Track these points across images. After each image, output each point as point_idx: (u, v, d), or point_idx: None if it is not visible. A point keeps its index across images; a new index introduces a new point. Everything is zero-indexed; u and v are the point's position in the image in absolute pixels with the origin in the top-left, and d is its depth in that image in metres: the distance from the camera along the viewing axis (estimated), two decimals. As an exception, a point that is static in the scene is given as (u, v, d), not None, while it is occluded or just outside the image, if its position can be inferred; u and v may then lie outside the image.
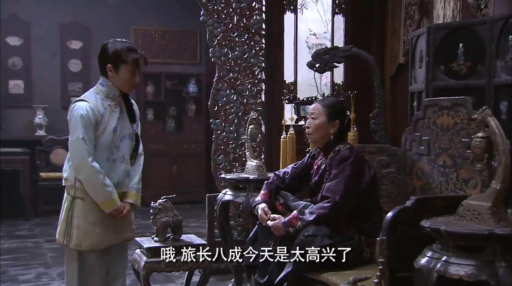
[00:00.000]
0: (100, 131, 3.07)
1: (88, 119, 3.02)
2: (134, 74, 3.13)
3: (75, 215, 3.13)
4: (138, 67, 3.14)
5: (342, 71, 5.52)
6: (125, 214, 3.20)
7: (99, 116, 3.06)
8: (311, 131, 3.11)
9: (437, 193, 3.20)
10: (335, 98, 3.35)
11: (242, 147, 4.92)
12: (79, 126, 2.99)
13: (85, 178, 3.06)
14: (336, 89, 5.46)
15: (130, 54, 3.10)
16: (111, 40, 3.16)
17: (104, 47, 3.13)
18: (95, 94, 3.13)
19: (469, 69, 3.77)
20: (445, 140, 3.18)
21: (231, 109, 4.93)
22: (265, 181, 3.33)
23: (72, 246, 3.12)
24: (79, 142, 2.99)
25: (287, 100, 3.92)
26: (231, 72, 4.94)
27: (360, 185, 3.00)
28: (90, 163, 3.01)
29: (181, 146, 8.56)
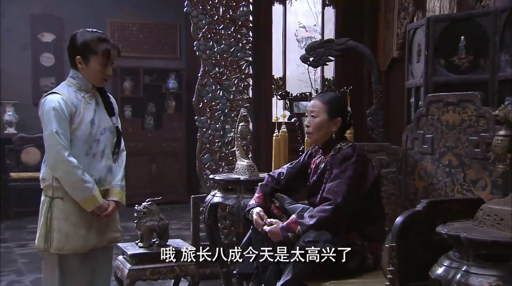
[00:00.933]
0: (77, 124, 2.93)
1: (61, 111, 2.88)
2: (106, 66, 2.99)
3: (54, 217, 2.97)
4: (110, 59, 3.00)
5: (332, 65, 5.46)
6: (109, 212, 3.05)
7: (73, 108, 2.92)
8: (311, 131, 2.99)
9: (442, 194, 3.12)
10: (334, 93, 3.21)
11: (228, 145, 4.81)
12: (52, 120, 2.85)
13: (62, 174, 2.91)
14: (327, 85, 5.40)
15: (101, 44, 2.96)
16: (80, 30, 3.01)
17: (73, 38, 2.99)
18: (67, 87, 3.00)
19: (471, 63, 3.72)
20: (450, 138, 3.09)
21: (217, 105, 4.80)
22: (259, 183, 3.22)
23: (53, 250, 2.97)
24: (53, 137, 2.84)
25: (280, 96, 3.77)
26: (216, 66, 4.80)
27: (364, 186, 2.90)
28: (67, 158, 2.86)
29: (161, 144, 8.41)
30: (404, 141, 3.42)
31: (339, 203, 2.78)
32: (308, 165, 3.14)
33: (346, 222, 2.87)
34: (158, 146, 8.42)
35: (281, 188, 3.16)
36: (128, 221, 6.38)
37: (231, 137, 4.77)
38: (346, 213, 2.84)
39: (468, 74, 3.72)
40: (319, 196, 2.96)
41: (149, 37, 8.71)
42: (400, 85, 5.05)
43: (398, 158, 3.44)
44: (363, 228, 2.92)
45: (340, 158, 2.90)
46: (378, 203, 3.03)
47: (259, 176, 3.78)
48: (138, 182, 8.11)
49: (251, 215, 3.03)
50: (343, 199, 2.79)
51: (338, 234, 2.79)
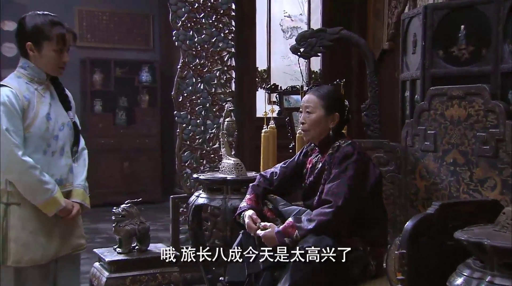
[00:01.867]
0: (30, 120, 2.72)
1: (12, 106, 2.67)
2: (61, 53, 2.80)
3: (11, 226, 2.75)
4: (66, 44, 2.80)
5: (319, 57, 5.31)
6: (75, 215, 2.87)
7: (25, 102, 2.71)
8: (307, 128, 2.88)
9: (446, 194, 3.04)
10: (330, 86, 3.09)
11: (210, 142, 4.69)
12: (1, 116, 2.64)
13: (17, 177, 2.71)
14: (314, 77, 5.31)
15: (54, 28, 2.77)
16: (29, 13, 2.81)
17: (22, 22, 2.79)
18: (16, 79, 2.78)
19: (471, 55, 3.59)
20: (455, 135, 3.01)
21: (198, 99, 4.67)
22: (250, 184, 3.09)
23: (10, 263, 2.75)
24: (3, 135, 2.63)
25: (269, 89, 3.63)
26: (197, 57, 4.65)
27: (365, 187, 2.79)
28: (21, 158, 2.66)
29: (133, 140, 8.27)
30: (404, 138, 3.33)
31: (340, 205, 2.66)
32: (304, 165, 3.02)
33: (347, 226, 2.74)
34: (130, 143, 8.27)
35: (274, 189, 3.04)
36: (98, 223, 6.22)
37: (212, 134, 4.67)
38: (347, 216, 2.72)
39: (469, 66, 3.58)
40: (317, 198, 2.85)
41: (120, 27, 8.52)
42: (391, 78, 5.02)
43: (397, 156, 3.35)
44: (365, 232, 2.81)
45: (339, 157, 2.78)
46: (380, 205, 2.93)
47: (247, 176, 3.68)
48: (110, 181, 8.00)
49: (243, 218, 2.90)
50: (344, 201, 2.67)
51: (339, 239, 2.67)
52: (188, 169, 4.66)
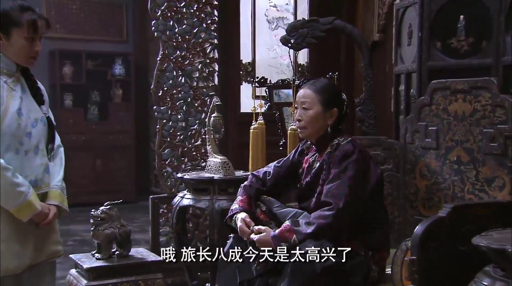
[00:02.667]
0: (1, 116, 2.54)
1: None
2: (33, 41, 2.62)
3: None
4: (38, 32, 2.63)
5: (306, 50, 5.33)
6: (51, 219, 2.71)
7: None
8: (304, 125, 2.77)
9: (449, 195, 2.97)
10: (326, 79, 2.99)
11: (192, 139, 4.58)
12: None
13: None
14: (300, 71, 5.22)
15: (24, 14, 2.59)
16: None
17: None
18: None
19: (471, 47, 3.57)
20: (460, 131, 2.94)
21: (179, 93, 4.52)
22: (241, 184, 2.96)
23: None
24: None
25: (258, 83, 3.52)
26: (178, 49, 4.51)
27: (366, 187, 2.68)
28: None
29: (106, 137, 8.10)
30: (403, 135, 3.25)
31: (340, 207, 2.55)
32: (299, 164, 2.91)
33: (347, 229, 2.63)
34: (103, 139, 8.11)
35: (267, 190, 2.92)
36: (69, 224, 6.06)
37: (194, 130, 4.55)
38: (348, 219, 2.61)
39: (468, 59, 3.56)
40: (314, 200, 2.74)
41: (91, 17, 8.35)
42: (382, 71, 5.01)
43: (395, 153, 3.28)
44: (366, 235, 2.70)
45: (339, 156, 2.67)
46: (381, 206, 2.81)
47: (235, 175, 3.60)
48: (81, 179, 7.83)
49: (235, 221, 2.77)
50: (345, 203, 2.56)
51: (340, 244, 2.55)
52: (168, 168, 4.54)
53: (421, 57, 3.70)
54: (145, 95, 8.01)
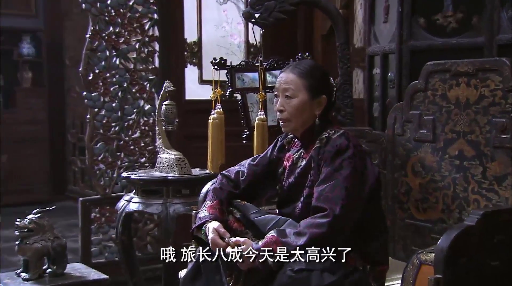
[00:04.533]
0: None
1: None
2: None
3: None
4: None
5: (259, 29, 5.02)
6: None
7: None
8: (288, 117, 2.56)
9: (449, 195, 2.84)
10: (311, 60, 2.80)
11: (129, 130, 4.53)
12: None
13: None
14: (253, 52, 5.21)
15: None
16: None
17: None
18: None
19: (460, 23, 3.53)
20: (462, 121, 2.80)
21: (113, 77, 4.49)
22: (209, 187, 2.78)
23: None
24: None
25: (217, 65, 3.29)
26: (111, 25, 4.45)
27: (364, 188, 2.49)
28: None
29: (14, 128, 7.84)
30: (391, 125, 3.10)
31: (337, 214, 2.35)
32: (279, 162, 2.71)
33: (343, 240, 2.42)
34: (10, 131, 7.79)
35: (240, 193, 2.71)
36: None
37: (132, 120, 4.53)
38: (346, 227, 2.41)
39: (457, 37, 3.52)
40: (300, 205, 2.54)
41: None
42: None
43: (381, 147, 3.13)
44: (363, 246, 2.51)
45: (331, 152, 2.47)
46: (379, 212, 2.64)
47: (192, 174, 3.50)
48: (-17, 178, 7.62)
49: (205, 232, 2.53)
50: (342, 209, 2.36)
51: (336, 257, 2.34)
52: (101, 165, 4.50)
53: (401, 35, 3.66)
54: (60, 79, 7.93)
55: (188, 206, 3.31)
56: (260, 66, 3.28)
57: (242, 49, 5.34)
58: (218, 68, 3.33)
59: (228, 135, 3.49)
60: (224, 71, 3.41)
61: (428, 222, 2.89)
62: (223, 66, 3.35)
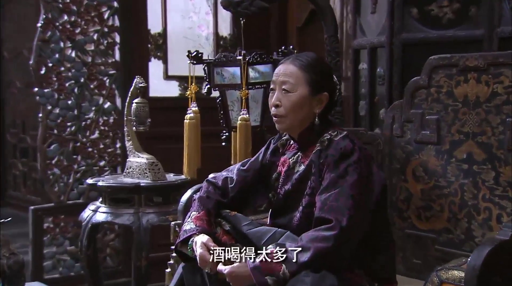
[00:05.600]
0: None
1: None
2: None
3: None
4: None
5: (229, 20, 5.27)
6: None
7: None
8: (284, 113, 2.44)
9: (456, 202, 2.77)
10: (313, 53, 2.68)
11: (87, 131, 4.50)
12: None
13: None
14: (222, 45, 5.20)
15: None
16: None
17: None
18: None
19: (457, 14, 3.48)
20: (471, 121, 2.74)
21: (68, 72, 4.45)
22: (194, 195, 2.63)
23: None
24: None
25: (194, 59, 3.16)
26: (65, 13, 4.40)
27: (371, 197, 2.39)
28: None
29: None
30: (388, 125, 3.02)
31: (344, 226, 2.23)
32: (273, 167, 2.59)
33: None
34: None
35: (229, 202, 2.59)
36: None
37: (90, 119, 4.49)
38: (354, 241, 2.30)
39: (453, 29, 3.46)
40: (299, 215, 2.43)
41: None
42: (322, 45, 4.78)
43: (378, 149, 3.06)
44: (369, 262, 2.42)
45: (335, 156, 2.36)
46: (386, 223, 2.56)
47: (166, 179, 3.43)
48: None
49: (191, 247, 2.40)
50: (349, 220, 2.24)
51: (343, 275, 2.25)
52: (56, 169, 4.43)
53: (392, 27, 3.61)
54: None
55: (163, 216, 3.25)
56: (243, 60, 3.13)
57: (211, 42, 5.28)
58: (195, 62, 3.19)
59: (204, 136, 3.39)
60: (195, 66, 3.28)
61: (431, 232, 2.82)
62: (200, 60, 3.22)
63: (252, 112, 3.22)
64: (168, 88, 4.94)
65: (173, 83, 5.04)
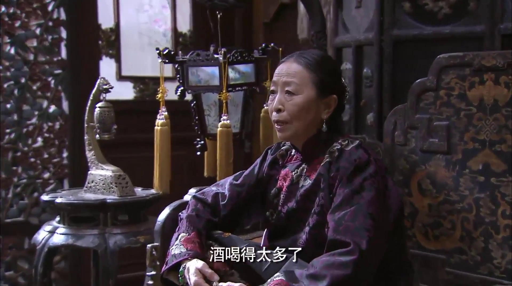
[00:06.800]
0: None
1: None
2: None
3: None
4: None
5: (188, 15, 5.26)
6: None
7: None
8: (288, 118, 2.35)
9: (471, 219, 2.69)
10: (318, 50, 2.61)
11: (29, 138, 4.48)
12: None
13: None
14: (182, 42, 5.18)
15: None
16: None
17: None
18: None
19: (454, 8, 3.39)
20: (488, 127, 2.67)
21: (7, 71, 4.46)
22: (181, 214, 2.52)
23: None
24: None
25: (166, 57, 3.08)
26: (3, 5, 4.42)
27: (389, 215, 2.31)
28: None
29: None
30: (389, 132, 2.94)
31: (364, 250, 2.12)
32: (271, 182, 2.50)
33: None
34: None
35: (220, 222, 2.51)
36: None
37: (33, 125, 4.48)
38: (374, 267, 2.21)
39: (450, 25, 3.38)
40: (305, 237, 2.33)
41: None
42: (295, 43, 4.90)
43: None
44: (388, 287, 2.35)
45: (349, 169, 2.27)
46: (404, 245, 2.51)
47: (136, 195, 3.36)
48: None
49: (183, 274, 2.32)
50: (369, 243, 2.14)
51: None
52: None
53: (382, 23, 3.53)
54: None
55: (133, 237, 3.18)
56: (224, 59, 3.03)
57: (169, 39, 5.25)
58: (166, 61, 3.11)
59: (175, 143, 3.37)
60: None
61: (441, 252, 2.75)
62: (172, 58, 3.14)
63: (230, 117, 3.16)
64: (121, 90, 4.85)
65: (127, 85, 4.97)
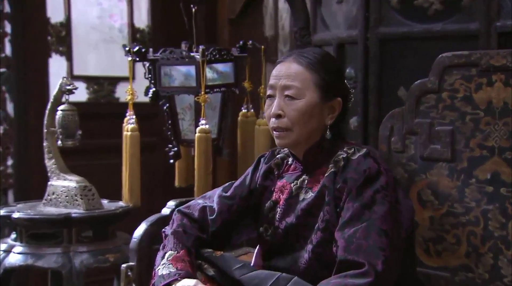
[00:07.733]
0: None
1: None
2: None
3: None
4: None
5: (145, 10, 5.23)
6: None
7: None
8: (289, 124, 2.28)
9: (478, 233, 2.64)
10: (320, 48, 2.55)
11: None
12: None
13: None
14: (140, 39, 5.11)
15: None
16: None
17: None
18: None
19: (446, 4, 3.42)
20: (498, 133, 2.62)
21: None
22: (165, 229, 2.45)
23: None
24: None
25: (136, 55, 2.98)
26: None
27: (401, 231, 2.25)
28: None
29: None
30: (385, 138, 2.88)
31: (380, 271, 2.05)
32: (265, 194, 2.44)
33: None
34: None
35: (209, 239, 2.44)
36: None
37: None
38: None
39: (442, 23, 3.40)
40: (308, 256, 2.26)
41: None
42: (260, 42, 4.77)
43: None
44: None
45: (358, 180, 2.20)
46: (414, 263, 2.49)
47: (103, 208, 3.31)
48: None
49: None
50: (385, 263, 2.07)
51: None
52: None
53: (367, 20, 3.55)
54: None
55: (101, 256, 3.11)
56: (202, 57, 2.94)
57: (125, 35, 5.17)
58: (137, 59, 3.02)
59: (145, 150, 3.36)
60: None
61: (444, 270, 2.69)
62: (143, 56, 3.08)
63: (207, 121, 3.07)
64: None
65: (80, 85, 4.83)
